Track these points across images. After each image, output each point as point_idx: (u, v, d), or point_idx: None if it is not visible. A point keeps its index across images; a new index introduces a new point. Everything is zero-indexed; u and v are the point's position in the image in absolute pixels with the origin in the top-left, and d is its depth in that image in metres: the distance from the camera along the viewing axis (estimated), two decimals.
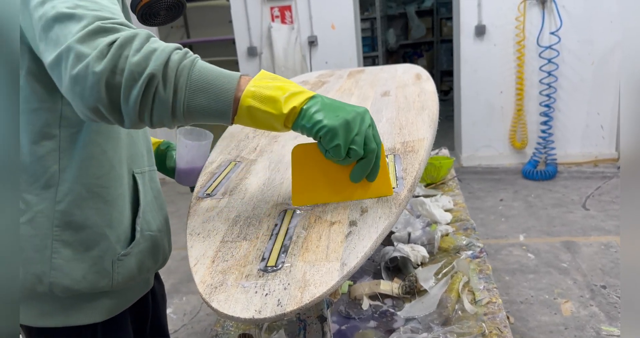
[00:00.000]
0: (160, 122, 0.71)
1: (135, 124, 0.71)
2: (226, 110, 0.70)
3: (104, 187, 0.90)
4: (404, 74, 1.54)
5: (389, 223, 0.74)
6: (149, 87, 0.67)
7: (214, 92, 0.69)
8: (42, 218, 0.87)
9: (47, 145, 0.85)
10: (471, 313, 1.20)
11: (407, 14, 6.96)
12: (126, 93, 0.67)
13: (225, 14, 4.84)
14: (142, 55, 0.67)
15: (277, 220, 0.79)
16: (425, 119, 1.06)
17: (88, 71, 0.65)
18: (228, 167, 1.02)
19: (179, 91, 0.68)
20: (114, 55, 0.66)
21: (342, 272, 0.66)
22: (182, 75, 0.68)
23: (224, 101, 0.70)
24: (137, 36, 0.68)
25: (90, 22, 0.68)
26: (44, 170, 0.86)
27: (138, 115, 0.69)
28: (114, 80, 0.66)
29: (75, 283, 0.89)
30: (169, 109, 0.69)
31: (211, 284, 0.67)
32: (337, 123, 0.69)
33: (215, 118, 0.72)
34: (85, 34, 0.67)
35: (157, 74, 0.67)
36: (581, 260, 2.63)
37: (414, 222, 1.61)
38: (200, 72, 0.69)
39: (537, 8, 3.84)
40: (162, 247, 1.04)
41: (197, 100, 0.69)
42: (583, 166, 4.05)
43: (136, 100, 0.67)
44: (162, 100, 0.68)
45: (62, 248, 0.88)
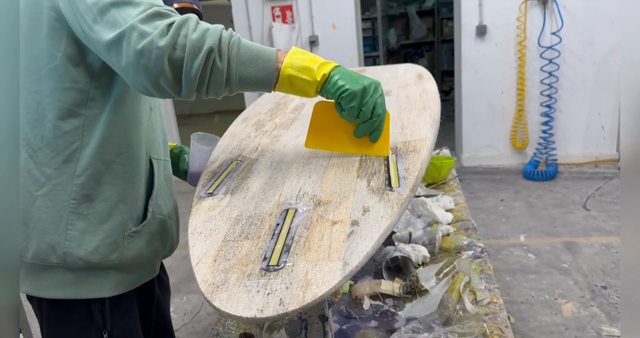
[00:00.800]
0: (215, 91, 0.83)
1: (191, 93, 0.82)
2: (270, 78, 0.84)
3: (121, 164, 0.97)
4: (405, 73, 1.53)
5: (391, 222, 0.74)
6: (208, 59, 0.79)
7: (260, 63, 0.83)
8: (60, 191, 0.93)
9: (73, 123, 0.92)
10: (472, 313, 1.20)
11: (408, 13, 6.96)
12: (189, 64, 0.78)
13: (226, 13, 4.85)
14: (199, 33, 0.78)
15: (279, 219, 0.79)
16: (427, 119, 1.06)
17: (152, 46, 0.76)
18: (230, 166, 1.02)
19: (232, 62, 0.81)
20: (174, 33, 0.77)
21: (344, 272, 0.65)
22: (233, 49, 0.81)
23: (268, 70, 0.83)
24: (190, 19, 0.80)
25: (147, 7, 0.79)
26: (67, 145, 0.92)
27: (197, 84, 0.80)
28: (175, 55, 0.77)
29: (87, 254, 0.94)
30: (224, 78, 0.81)
31: (213, 283, 0.67)
32: (357, 88, 0.85)
33: (261, 86, 0.85)
34: (146, 16, 0.77)
35: (214, 47, 0.79)
36: (582, 261, 2.62)
37: (415, 222, 1.61)
38: (247, 46, 0.83)
39: (538, 8, 3.84)
40: (171, 234, 1.11)
41: (246, 70, 0.82)
42: (584, 166, 4.04)
43: (197, 71, 0.78)
44: (219, 70, 0.80)
45: (77, 220, 0.94)
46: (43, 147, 0.92)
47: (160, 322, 1.21)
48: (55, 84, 0.90)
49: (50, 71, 0.89)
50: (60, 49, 0.88)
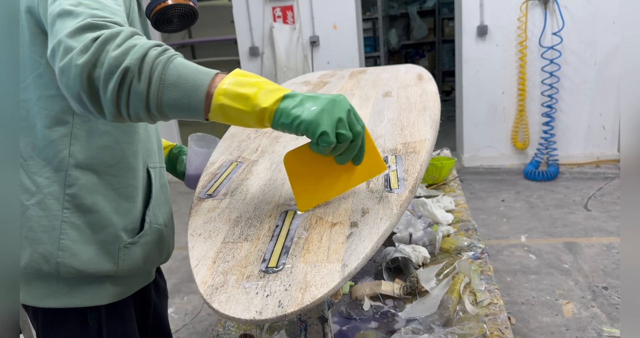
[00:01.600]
0: (137, 116, 0.73)
1: (115, 117, 0.73)
2: (198, 105, 0.71)
3: (114, 175, 0.95)
4: (405, 74, 1.53)
5: (390, 224, 0.74)
6: (125, 80, 0.70)
7: (187, 88, 0.71)
8: (52, 201, 0.91)
9: (60, 131, 0.89)
10: (472, 314, 1.20)
11: (409, 14, 6.95)
12: (104, 85, 0.70)
13: (227, 14, 4.85)
14: (121, 50, 0.70)
15: (279, 221, 0.79)
16: (427, 120, 1.06)
17: (72, 63, 0.69)
18: (229, 168, 1.02)
19: (152, 84, 0.70)
20: (96, 49, 0.69)
21: (343, 273, 0.66)
22: (156, 70, 0.70)
23: (197, 96, 0.71)
24: (121, 33, 0.71)
25: (83, 19, 0.72)
26: (55, 154, 0.90)
27: (115, 107, 0.71)
28: (95, 73, 0.69)
29: (81, 264, 0.92)
30: (143, 102, 0.71)
31: (212, 285, 0.67)
32: (314, 114, 0.69)
33: (189, 113, 0.73)
34: (75, 29, 0.71)
35: (133, 67, 0.69)
36: (583, 261, 2.62)
37: (416, 223, 1.61)
38: (177, 67, 0.71)
39: (539, 8, 3.84)
40: (167, 242, 1.09)
41: (170, 94, 0.71)
42: (585, 167, 4.04)
43: (113, 92, 0.70)
44: (137, 92, 0.70)
45: (70, 229, 0.92)
46: (34, 156, 0.90)
47: (158, 326, 1.20)
48: (41, 92, 0.88)
49: (35, 79, 0.88)
50: (43, 56, 0.86)
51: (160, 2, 1.03)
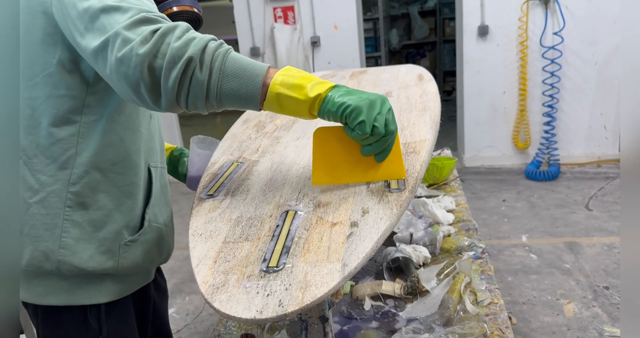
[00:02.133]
0: (195, 104, 0.77)
1: (172, 105, 0.77)
2: (255, 94, 0.76)
3: (118, 172, 0.96)
4: (406, 74, 1.54)
5: (390, 224, 0.74)
6: (187, 69, 0.74)
7: (245, 77, 0.76)
8: (54, 199, 0.92)
9: (68, 130, 0.91)
10: (473, 314, 1.20)
11: (410, 14, 6.96)
12: (166, 74, 0.73)
13: (228, 14, 4.86)
14: (182, 42, 0.74)
15: (279, 220, 0.80)
16: (427, 120, 1.06)
17: (132, 53, 0.72)
18: (230, 168, 1.02)
19: (213, 74, 0.75)
20: (156, 41, 0.73)
21: (343, 273, 0.66)
22: (217, 60, 0.75)
23: (254, 86, 0.76)
24: (178, 27, 0.76)
25: (135, 13, 0.76)
26: (62, 152, 0.91)
27: (176, 95, 0.75)
28: (155, 63, 0.73)
29: (82, 262, 0.93)
30: (204, 91, 0.75)
31: (213, 284, 0.68)
32: (361, 102, 0.76)
33: (245, 102, 0.78)
34: (132, 22, 0.75)
35: (195, 57, 0.73)
36: (584, 261, 2.62)
37: (416, 223, 1.61)
38: (234, 59, 0.76)
39: (540, 8, 3.84)
40: (167, 242, 1.09)
41: (229, 83, 0.76)
42: (586, 167, 4.04)
43: (175, 81, 0.74)
44: (198, 81, 0.74)
45: (71, 227, 0.92)
46: (38, 154, 0.91)
47: (158, 325, 1.21)
48: (50, 91, 0.89)
49: (45, 78, 0.88)
50: (55, 56, 0.87)
51: (167, 8, 1.05)
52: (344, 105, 0.76)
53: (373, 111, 0.77)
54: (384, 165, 0.84)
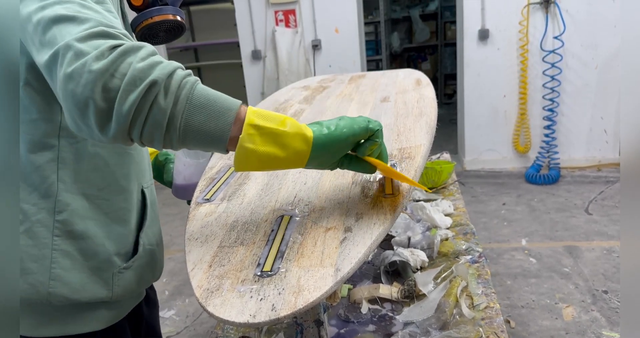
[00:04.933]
0: (151, 135, 0.67)
1: (121, 134, 0.66)
2: (225, 130, 0.68)
3: (105, 199, 0.90)
4: (404, 79, 1.54)
5: (384, 229, 0.75)
6: (149, 94, 0.64)
7: (216, 110, 0.67)
8: (41, 228, 0.85)
9: (46, 155, 0.84)
10: (469, 317, 1.20)
11: (411, 17, 6.97)
12: (123, 96, 0.64)
13: (230, 17, 4.88)
14: (147, 64, 0.65)
15: (274, 225, 0.81)
16: (423, 126, 1.07)
17: (84, 69, 0.63)
18: (227, 173, 1.03)
19: (179, 103, 0.66)
20: (116, 58, 0.64)
21: (336, 278, 0.67)
22: (184, 89, 0.67)
23: (225, 120, 0.67)
24: (143, 47, 0.68)
25: (93, 25, 0.68)
26: (42, 180, 0.85)
27: (130, 122, 0.65)
28: (111, 83, 0.64)
29: (74, 292, 0.88)
30: (165, 121, 0.66)
31: (208, 289, 0.69)
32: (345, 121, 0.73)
33: (212, 139, 0.68)
34: (87, 35, 0.66)
35: (160, 82, 0.65)
36: (583, 265, 2.62)
37: (414, 226, 1.62)
38: (204, 89, 0.68)
39: (540, 12, 3.85)
40: (159, 261, 1.05)
41: (196, 115, 0.67)
42: (586, 170, 4.04)
43: (132, 105, 0.64)
44: (160, 109, 0.65)
45: (61, 258, 0.87)
46: (20, 183, 0.85)
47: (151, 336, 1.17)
48: (22, 116, 0.82)
49: None
50: (21, 78, 0.80)
51: (147, 17, 1.00)
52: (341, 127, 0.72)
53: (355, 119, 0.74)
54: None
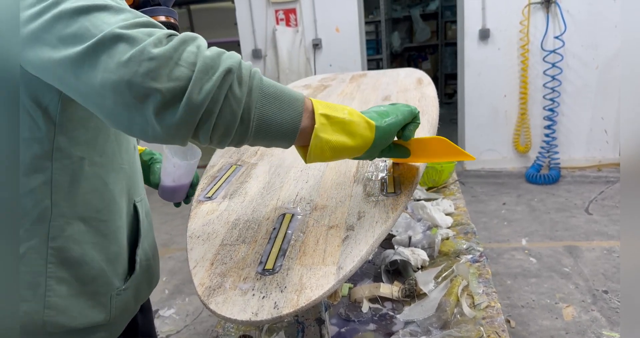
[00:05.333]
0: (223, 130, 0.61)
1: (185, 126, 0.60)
2: (297, 119, 0.65)
3: (102, 220, 0.85)
4: (405, 78, 1.54)
5: (386, 228, 0.75)
6: (225, 82, 0.59)
7: (286, 100, 0.65)
8: (34, 255, 0.79)
9: (38, 178, 0.78)
10: (470, 317, 1.20)
11: (412, 17, 6.97)
12: (197, 85, 0.58)
13: (230, 16, 4.88)
14: (214, 52, 0.61)
15: (276, 223, 0.81)
16: (425, 124, 1.07)
17: (143, 56, 0.57)
18: (229, 171, 1.03)
19: (253, 92, 0.62)
20: (177, 45, 0.59)
21: (338, 276, 0.67)
22: (255, 78, 0.63)
23: (296, 111, 0.65)
24: (199, 37, 0.63)
25: (133, 16, 0.62)
26: (35, 204, 0.78)
27: (203, 114, 0.59)
28: (178, 71, 0.58)
29: (71, 320, 0.83)
30: (240, 111, 0.61)
31: (210, 286, 0.69)
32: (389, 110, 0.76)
33: (284, 131, 0.65)
34: (134, 23, 0.60)
35: (234, 69, 0.60)
36: (583, 265, 2.62)
37: (415, 226, 1.62)
38: (269, 79, 0.66)
39: (541, 12, 3.85)
40: (155, 272, 1.03)
41: (269, 106, 0.63)
42: (586, 170, 4.04)
43: (207, 95, 0.58)
44: (236, 98, 0.61)
45: (56, 285, 0.81)
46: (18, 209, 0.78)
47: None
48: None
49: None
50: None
51: None
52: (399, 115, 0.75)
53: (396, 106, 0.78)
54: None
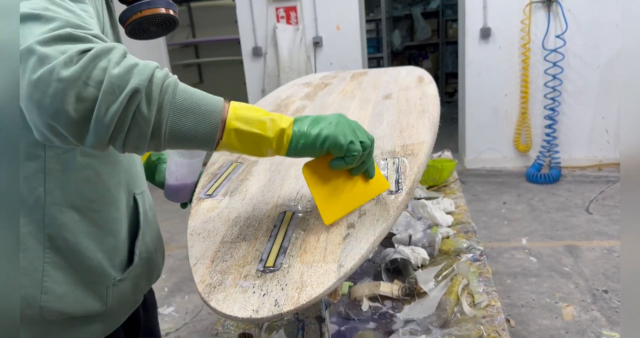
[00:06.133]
0: (134, 145, 0.63)
1: (101, 145, 0.62)
2: (212, 133, 0.65)
3: (97, 211, 0.86)
4: (406, 76, 1.54)
5: (387, 226, 0.75)
6: (131, 103, 0.60)
7: (200, 113, 0.64)
8: (31, 241, 0.82)
9: (32, 166, 0.79)
10: (470, 316, 1.20)
11: (413, 15, 6.96)
12: (102, 107, 0.59)
13: (231, 14, 4.87)
14: (123, 68, 0.60)
15: (277, 221, 0.80)
16: (426, 123, 1.07)
17: (52, 77, 0.57)
18: (229, 168, 1.03)
19: (163, 110, 0.62)
20: (87, 64, 0.59)
21: (339, 274, 0.66)
22: (166, 93, 0.62)
23: (211, 123, 0.65)
24: (115, 49, 0.62)
25: (59, 26, 0.62)
26: (30, 191, 0.80)
27: (111, 134, 0.61)
28: (86, 92, 0.58)
29: (67, 307, 0.85)
30: (149, 130, 0.62)
31: (210, 284, 0.68)
32: (335, 128, 0.70)
33: (198, 142, 0.65)
34: (52, 38, 0.60)
35: (141, 89, 0.60)
36: (583, 265, 2.62)
37: (415, 224, 1.62)
38: (185, 91, 0.64)
39: (542, 11, 3.84)
40: (157, 265, 1.03)
41: (182, 121, 0.63)
42: (587, 170, 4.04)
43: (114, 117, 0.59)
44: (145, 118, 0.61)
45: (53, 271, 0.83)
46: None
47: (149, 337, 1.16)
48: None
49: None
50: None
51: (136, 11, 0.92)
52: (322, 137, 0.69)
53: (350, 129, 0.72)
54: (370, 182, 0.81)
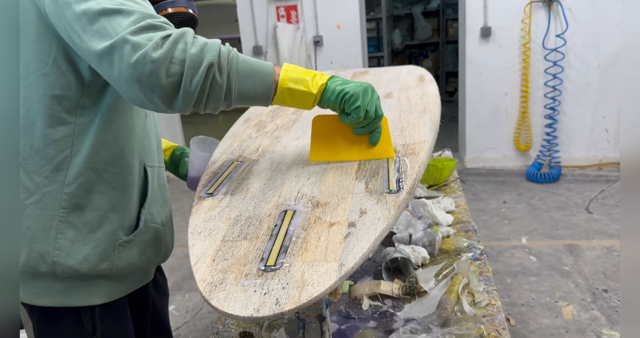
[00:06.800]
0: (213, 106, 0.82)
1: (187, 108, 0.80)
2: (269, 91, 0.85)
3: (112, 173, 0.95)
4: (407, 75, 1.54)
5: (388, 225, 0.75)
6: (208, 74, 0.78)
7: (259, 77, 0.84)
8: (50, 200, 0.91)
9: (62, 130, 0.90)
10: (470, 315, 1.20)
11: (413, 14, 6.95)
12: (188, 79, 0.76)
13: (231, 12, 4.87)
14: (198, 48, 0.78)
15: (278, 220, 0.80)
16: (427, 122, 1.07)
17: (146, 59, 0.74)
18: (230, 167, 1.03)
19: (231, 77, 0.81)
20: (170, 47, 0.75)
21: (340, 273, 0.66)
22: (232, 64, 0.81)
23: (267, 84, 0.84)
24: (187, 32, 0.79)
25: (140, 18, 0.77)
26: (57, 153, 0.90)
27: (195, 99, 0.79)
28: (172, 69, 0.75)
29: (77, 263, 0.93)
30: (223, 94, 0.81)
31: (211, 282, 0.69)
32: (357, 89, 0.87)
33: (258, 99, 0.85)
34: (138, 28, 0.76)
35: (215, 62, 0.78)
36: (583, 264, 2.62)
37: (416, 223, 1.62)
38: (245, 61, 0.83)
39: (543, 10, 3.84)
40: (165, 241, 1.09)
41: (245, 84, 0.83)
42: (587, 169, 4.04)
43: (197, 86, 0.77)
44: (219, 85, 0.80)
45: (66, 229, 0.93)
46: (33, 155, 0.90)
47: (158, 325, 1.20)
48: (45, 91, 0.87)
49: (39, 77, 0.87)
50: (50, 55, 0.86)
51: (161, 9, 1.02)
52: (343, 92, 0.87)
53: (366, 97, 0.88)
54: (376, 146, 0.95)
